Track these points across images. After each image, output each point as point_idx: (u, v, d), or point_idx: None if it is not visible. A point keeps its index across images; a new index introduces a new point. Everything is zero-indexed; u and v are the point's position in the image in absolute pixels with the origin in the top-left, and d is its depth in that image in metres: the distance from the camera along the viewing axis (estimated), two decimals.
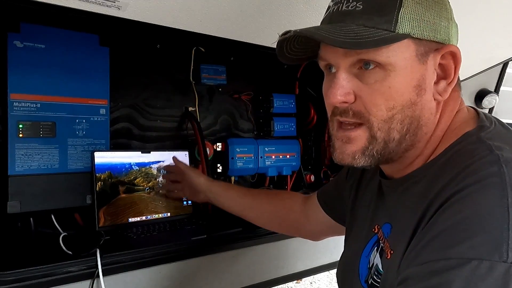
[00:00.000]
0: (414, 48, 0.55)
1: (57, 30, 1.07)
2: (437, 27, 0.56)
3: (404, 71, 0.55)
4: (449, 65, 0.58)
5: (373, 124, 0.57)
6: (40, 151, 1.05)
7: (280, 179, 1.64)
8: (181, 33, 0.97)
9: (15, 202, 1.00)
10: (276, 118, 1.56)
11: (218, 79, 1.40)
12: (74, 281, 0.89)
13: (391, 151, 0.59)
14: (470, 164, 0.51)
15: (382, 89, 0.55)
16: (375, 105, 0.56)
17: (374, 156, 0.59)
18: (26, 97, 1.03)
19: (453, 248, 0.46)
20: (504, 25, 1.16)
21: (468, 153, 0.53)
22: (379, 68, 0.55)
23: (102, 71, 1.15)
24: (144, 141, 1.33)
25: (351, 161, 0.60)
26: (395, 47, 0.54)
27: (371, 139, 0.58)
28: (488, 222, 0.46)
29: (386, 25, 0.54)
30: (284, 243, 1.26)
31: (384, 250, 0.62)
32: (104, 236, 1.01)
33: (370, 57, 0.55)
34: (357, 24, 0.55)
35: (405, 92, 0.56)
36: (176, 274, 1.05)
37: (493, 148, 0.52)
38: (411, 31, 0.54)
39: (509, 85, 1.97)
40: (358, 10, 0.55)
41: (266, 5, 0.89)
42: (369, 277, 0.64)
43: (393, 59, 0.55)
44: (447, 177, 0.52)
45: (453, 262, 0.45)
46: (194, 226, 1.21)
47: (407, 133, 0.58)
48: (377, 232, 0.67)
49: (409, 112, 0.57)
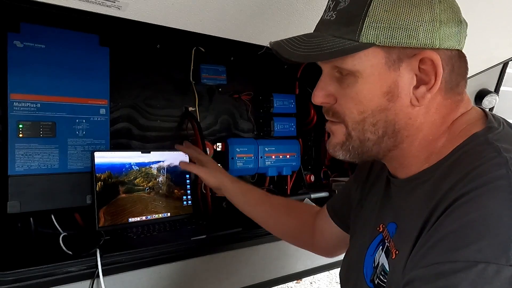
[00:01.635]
0: (383, 56, 0.56)
1: (57, 30, 1.07)
2: (412, 32, 0.54)
3: (371, 78, 0.57)
4: (427, 70, 0.57)
5: (348, 124, 0.61)
6: (40, 151, 1.05)
7: (280, 179, 1.64)
8: (181, 33, 0.97)
9: (15, 202, 1.00)
10: (276, 118, 1.56)
11: (218, 79, 1.39)
12: (74, 281, 0.89)
13: (370, 149, 0.62)
14: (477, 166, 0.51)
15: (352, 94, 0.59)
16: (347, 108, 0.60)
17: (351, 151, 0.63)
18: (26, 97, 1.03)
19: (460, 251, 0.46)
20: (504, 25, 1.16)
21: (476, 155, 0.53)
22: (350, 75, 0.58)
23: (102, 71, 1.15)
24: (144, 141, 1.33)
25: (333, 152, 0.65)
26: (360, 55, 0.56)
27: (348, 136, 0.62)
28: (496, 225, 0.45)
29: (351, 35, 0.55)
30: (284, 243, 1.26)
31: (390, 250, 0.62)
32: (104, 236, 1.01)
33: (338, 64, 0.58)
34: (328, 34, 0.58)
35: (374, 98, 0.58)
36: (176, 274, 1.05)
37: (501, 150, 0.52)
38: (376, 39, 0.54)
39: (509, 85, 1.97)
40: (332, 20, 0.58)
41: (266, 5, 0.89)
42: (375, 277, 0.64)
43: (359, 67, 0.57)
44: (454, 178, 0.52)
45: (459, 265, 0.45)
46: (194, 226, 1.21)
47: (384, 135, 0.60)
48: (382, 231, 0.67)
49: (381, 116, 0.59)
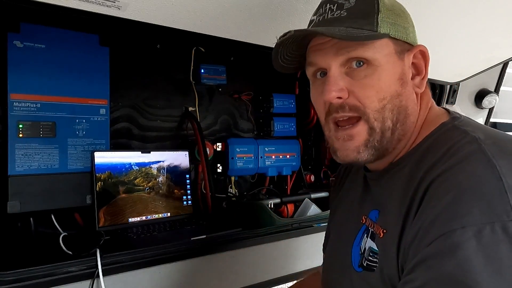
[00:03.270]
0: (392, 47, 0.63)
1: (57, 30, 1.07)
2: (407, 31, 0.65)
3: (387, 65, 0.62)
4: (420, 63, 0.66)
5: (369, 115, 0.62)
6: (40, 151, 1.05)
7: (280, 179, 1.64)
8: (181, 33, 0.97)
9: (15, 202, 1.00)
10: (276, 118, 1.56)
11: (218, 79, 1.40)
12: (74, 281, 0.89)
13: (388, 140, 0.64)
14: (451, 146, 0.57)
15: (372, 82, 0.62)
16: (367, 97, 0.62)
17: (376, 146, 0.64)
18: (26, 97, 1.03)
19: (464, 217, 0.49)
20: (504, 25, 1.16)
21: (448, 138, 0.60)
22: (368, 65, 0.62)
23: (102, 71, 1.15)
24: (144, 141, 1.33)
25: (355, 156, 0.64)
26: (377, 45, 0.62)
27: (370, 131, 0.63)
28: (487, 187, 0.50)
29: (369, 26, 0.62)
30: (284, 243, 1.26)
31: (375, 233, 0.66)
32: (104, 236, 1.01)
33: (359, 54, 0.61)
34: (345, 26, 0.62)
35: (392, 84, 0.63)
36: (176, 274, 1.05)
37: (468, 132, 0.58)
38: (389, 31, 0.62)
39: (509, 85, 1.97)
40: (344, 16, 0.63)
41: (266, 5, 0.89)
42: (363, 261, 0.67)
43: (378, 55, 0.62)
44: (432, 158, 0.58)
45: (469, 230, 0.48)
46: (194, 226, 1.21)
47: (397, 121, 0.64)
48: (364, 222, 0.71)
49: (397, 102, 0.63)
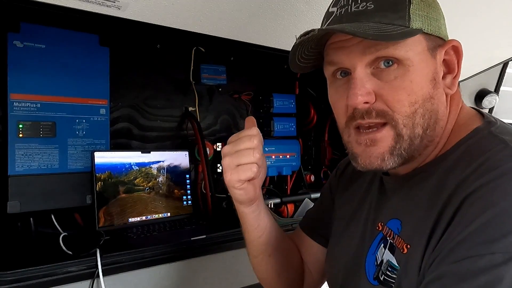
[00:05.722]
0: (425, 43, 0.56)
1: (57, 30, 1.07)
2: (439, 23, 0.58)
3: (420, 65, 0.56)
4: (452, 59, 0.59)
5: (398, 121, 0.56)
6: (40, 151, 1.05)
7: (280, 179, 1.64)
8: (181, 33, 0.97)
9: (15, 202, 1.00)
10: (276, 118, 1.56)
11: (218, 79, 1.40)
12: (74, 281, 0.89)
13: (416, 148, 0.58)
14: (488, 157, 0.51)
15: (404, 84, 0.55)
16: (398, 101, 0.55)
17: (402, 154, 0.57)
18: (26, 97, 1.03)
19: (496, 242, 0.45)
20: (504, 25, 1.16)
21: (484, 147, 0.53)
22: (398, 65, 0.55)
23: (102, 71, 1.15)
24: (144, 141, 1.33)
25: (380, 163, 0.58)
26: (409, 42, 0.55)
27: (397, 137, 0.57)
28: None
29: (401, 21, 0.55)
30: None
31: (395, 245, 0.60)
32: (104, 236, 1.01)
33: (389, 53, 0.55)
34: (374, 22, 0.55)
35: (424, 86, 0.56)
36: (176, 274, 1.05)
37: (508, 142, 0.52)
38: (422, 26, 0.56)
39: (509, 85, 1.97)
40: (370, 9, 0.55)
41: (266, 5, 0.89)
42: (379, 274, 0.62)
43: (410, 54, 0.55)
44: (464, 169, 0.52)
45: (498, 257, 0.44)
46: (194, 226, 1.21)
47: (428, 127, 0.58)
48: (381, 229, 0.65)
49: (429, 105, 0.57)
